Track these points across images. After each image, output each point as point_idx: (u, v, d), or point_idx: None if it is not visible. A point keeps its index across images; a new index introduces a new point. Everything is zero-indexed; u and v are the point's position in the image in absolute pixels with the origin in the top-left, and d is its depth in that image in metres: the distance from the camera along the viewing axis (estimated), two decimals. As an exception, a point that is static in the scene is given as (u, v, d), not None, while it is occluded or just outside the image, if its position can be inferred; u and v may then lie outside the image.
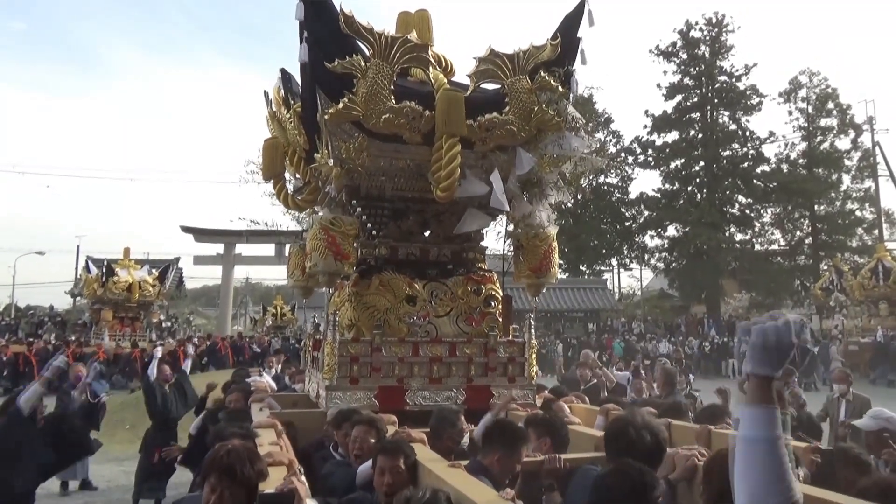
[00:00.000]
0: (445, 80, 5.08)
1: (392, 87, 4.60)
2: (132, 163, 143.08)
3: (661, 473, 2.81)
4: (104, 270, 24.60)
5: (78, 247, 39.57)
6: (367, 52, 4.61)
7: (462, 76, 5.43)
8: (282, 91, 5.53)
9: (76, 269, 36.75)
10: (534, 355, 5.25)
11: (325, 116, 4.57)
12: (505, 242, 5.50)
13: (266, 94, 5.85)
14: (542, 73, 4.83)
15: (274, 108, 5.61)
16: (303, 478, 2.88)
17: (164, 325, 31.39)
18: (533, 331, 5.25)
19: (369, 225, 5.24)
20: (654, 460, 2.85)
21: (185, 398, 8.98)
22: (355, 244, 4.93)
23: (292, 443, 4.11)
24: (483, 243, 5.71)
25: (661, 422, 4.40)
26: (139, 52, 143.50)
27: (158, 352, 9.20)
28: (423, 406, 4.80)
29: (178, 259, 32.15)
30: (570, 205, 5.46)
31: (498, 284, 5.44)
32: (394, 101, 4.58)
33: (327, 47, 4.59)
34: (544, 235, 5.27)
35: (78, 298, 35.87)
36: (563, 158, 5.07)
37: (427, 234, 5.61)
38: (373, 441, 3.43)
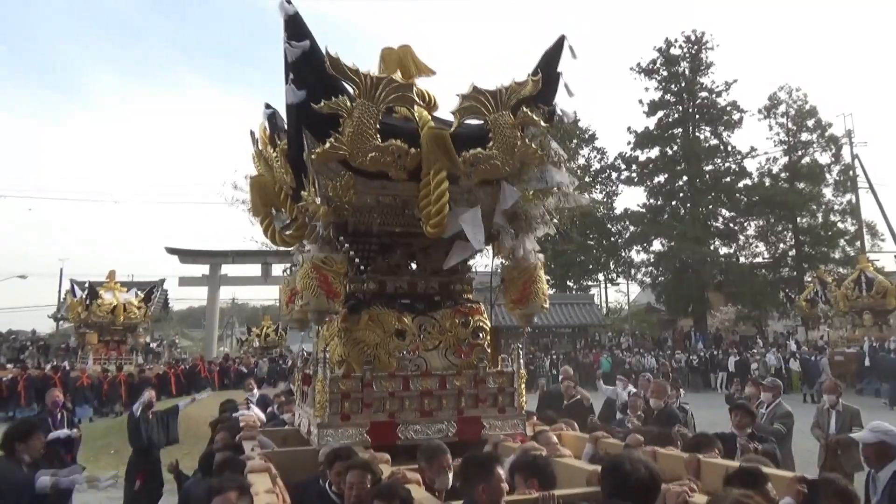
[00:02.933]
0: (429, 118, 5.17)
1: (378, 125, 4.68)
2: (116, 185, 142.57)
3: None
4: (87, 293, 24.40)
5: (61, 270, 39.23)
6: (353, 92, 4.69)
7: (445, 110, 5.55)
8: (268, 130, 5.59)
9: (59, 292, 36.40)
10: (523, 385, 5.31)
11: (312, 156, 4.64)
12: (492, 274, 5.58)
13: (252, 133, 5.91)
14: (525, 109, 4.93)
15: (260, 147, 5.67)
16: None
17: (150, 345, 31.13)
18: (522, 361, 5.31)
19: (357, 260, 5.29)
20: (649, 494, 2.90)
21: (166, 431, 8.99)
22: (343, 282, 4.98)
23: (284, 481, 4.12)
24: (470, 274, 5.78)
25: (648, 450, 4.49)
26: (120, 76, 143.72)
27: (146, 395, 9.16)
28: (415, 440, 4.83)
29: (163, 281, 32.01)
30: (554, 235, 5.52)
31: (486, 315, 5.51)
32: (379, 140, 4.66)
33: (313, 88, 4.66)
34: (524, 267, 5.34)
35: (61, 323, 35.52)
36: (546, 192, 5.18)
37: (414, 266, 5.67)
38: (368, 486, 3.46)
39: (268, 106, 5.83)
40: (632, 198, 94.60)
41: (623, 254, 40.69)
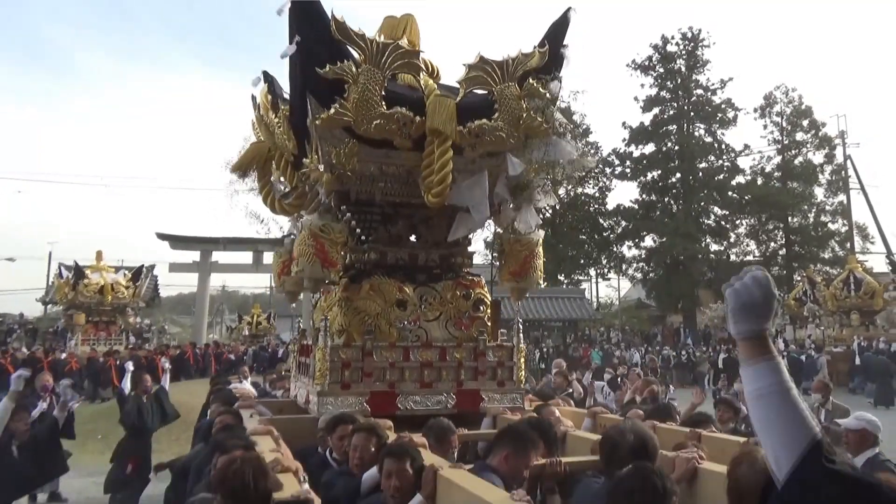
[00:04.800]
0: (435, 86, 5.11)
1: (383, 93, 4.61)
2: (107, 169, 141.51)
3: None
4: (74, 273, 24.11)
5: (50, 253, 38.75)
6: (358, 58, 4.61)
7: (447, 79, 5.50)
8: (269, 96, 5.50)
9: (48, 276, 36.01)
10: (522, 359, 5.28)
11: (317, 122, 4.57)
12: (493, 248, 5.53)
13: (253, 97, 5.82)
14: (531, 80, 4.88)
15: (261, 113, 5.57)
16: (307, 485, 2.86)
17: (141, 326, 30.81)
18: (521, 335, 5.28)
19: (358, 230, 5.23)
20: (642, 459, 2.86)
21: (162, 412, 8.89)
22: (343, 251, 4.92)
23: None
24: (471, 248, 5.74)
25: (647, 424, 4.48)
26: (114, 58, 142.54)
27: (130, 365, 9.06)
28: (415, 410, 4.80)
29: (153, 266, 31.75)
30: (549, 214, 5.54)
31: (486, 289, 5.47)
32: (385, 107, 4.59)
33: (318, 52, 4.59)
34: (526, 240, 5.30)
35: (49, 306, 35.19)
36: (551, 163, 5.14)
37: (414, 238, 5.62)
38: (373, 450, 3.41)
39: (266, 73, 5.73)
40: (625, 193, 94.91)
41: (615, 249, 40.75)
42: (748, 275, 1.61)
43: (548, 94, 4.92)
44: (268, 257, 31.36)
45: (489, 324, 5.30)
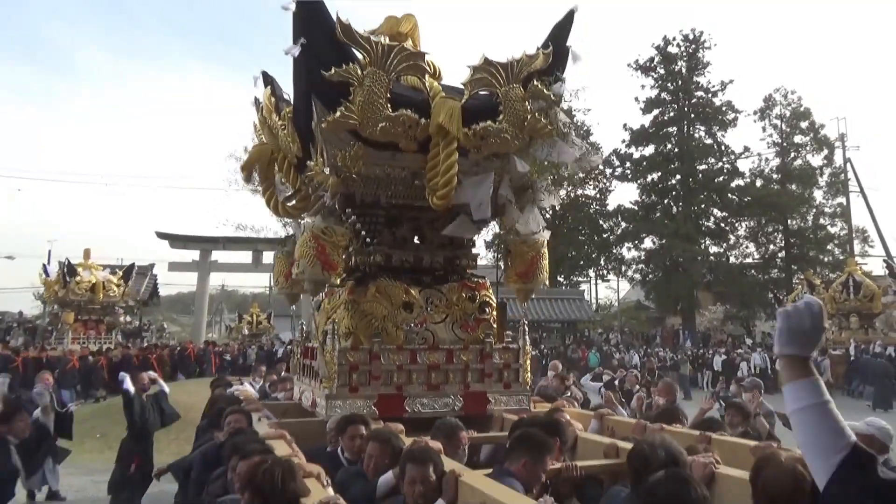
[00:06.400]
0: (440, 87, 5.10)
1: (388, 95, 4.60)
2: (107, 168, 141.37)
3: None
4: (65, 270, 23.93)
5: (49, 251, 38.69)
6: (363, 60, 4.60)
7: (448, 79, 5.49)
8: (272, 98, 5.47)
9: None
10: (528, 361, 5.28)
11: (322, 125, 4.56)
12: (497, 249, 5.53)
13: (256, 100, 5.79)
14: (535, 82, 4.87)
15: (264, 115, 5.55)
16: (331, 489, 2.83)
17: (131, 326, 30.66)
18: (527, 337, 5.27)
19: (363, 232, 5.22)
20: None
21: (161, 413, 8.90)
22: (344, 255, 4.90)
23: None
24: (475, 250, 5.73)
25: (655, 426, 4.47)
26: (114, 58, 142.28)
27: (127, 379, 8.99)
28: (422, 413, 4.79)
29: (152, 265, 31.73)
30: (549, 215, 5.53)
31: (491, 291, 5.46)
32: (390, 110, 4.58)
33: (323, 54, 4.58)
34: (532, 241, 5.29)
35: (47, 304, 35.17)
36: (554, 165, 5.15)
37: (419, 240, 5.61)
38: (388, 461, 3.38)
39: (265, 74, 5.70)
40: (625, 194, 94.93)
41: (614, 250, 40.76)
42: (804, 302, 1.68)
43: (552, 96, 4.92)
44: (267, 257, 31.34)
45: (495, 326, 5.29)
